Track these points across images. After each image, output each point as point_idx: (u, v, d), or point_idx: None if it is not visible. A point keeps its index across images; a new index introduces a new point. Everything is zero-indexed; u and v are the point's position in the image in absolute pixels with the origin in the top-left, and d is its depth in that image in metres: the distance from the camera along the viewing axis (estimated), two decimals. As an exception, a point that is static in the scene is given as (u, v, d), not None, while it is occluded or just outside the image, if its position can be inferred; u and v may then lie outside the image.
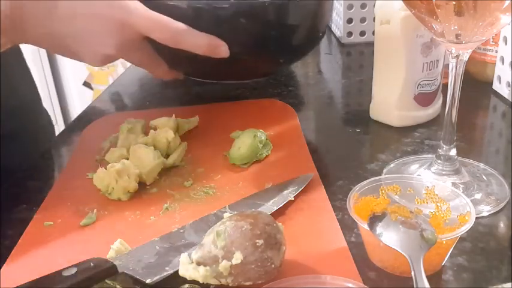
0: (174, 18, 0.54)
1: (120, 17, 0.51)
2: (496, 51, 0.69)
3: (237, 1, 0.57)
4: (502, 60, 0.67)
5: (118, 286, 0.36)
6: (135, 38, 0.54)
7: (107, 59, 0.54)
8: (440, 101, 0.63)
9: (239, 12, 0.57)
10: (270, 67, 0.73)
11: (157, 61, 0.61)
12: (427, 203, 0.41)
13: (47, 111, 0.84)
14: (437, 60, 0.58)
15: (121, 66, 2.02)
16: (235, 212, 0.38)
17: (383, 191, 0.41)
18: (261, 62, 0.67)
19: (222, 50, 0.56)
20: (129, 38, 0.53)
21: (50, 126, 0.85)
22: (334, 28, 1.03)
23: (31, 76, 0.77)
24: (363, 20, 0.95)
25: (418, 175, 0.49)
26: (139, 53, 0.57)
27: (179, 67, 0.66)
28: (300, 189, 0.47)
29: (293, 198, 0.46)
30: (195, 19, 0.56)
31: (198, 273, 0.34)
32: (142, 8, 0.53)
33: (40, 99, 0.79)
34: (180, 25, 0.54)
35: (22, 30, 0.50)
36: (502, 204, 0.45)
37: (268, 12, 0.60)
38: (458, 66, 0.45)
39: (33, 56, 2.01)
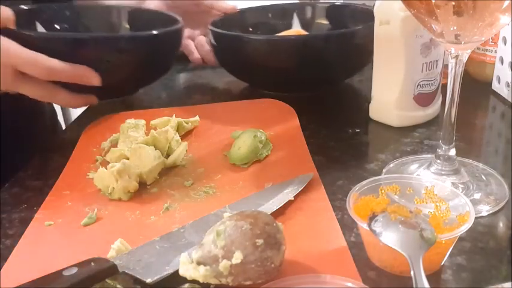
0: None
1: None
2: (495, 52, 0.69)
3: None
4: (501, 60, 0.67)
5: (118, 286, 0.36)
6: (14, 74, 0.55)
7: None
8: (439, 101, 0.63)
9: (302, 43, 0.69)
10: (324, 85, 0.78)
11: (54, 90, 0.59)
12: (427, 202, 0.41)
13: (53, 111, 0.84)
14: (437, 61, 0.58)
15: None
16: (235, 212, 0.38)
17: (382, 191, 0.41)
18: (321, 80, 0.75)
19: (93, 80, 0.60)
20: (9, 75, 0.54)
21: (53, 125, 0.85)
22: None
23: None
24: (362, 20, 0.95)
25: (418, 175, 0.49)
26: (29, 86, 0.57)
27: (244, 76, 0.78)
28: (300, 189, 0.47)
29: (293, 198, 0.46)
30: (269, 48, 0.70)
31: (198, 273, 0.34)
32: (15, 46, 0.54)
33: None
34: (51, 61, 0.56)
35: None
36: (501, 204, 0.45)
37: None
38: (457, 67, 0.45)
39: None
